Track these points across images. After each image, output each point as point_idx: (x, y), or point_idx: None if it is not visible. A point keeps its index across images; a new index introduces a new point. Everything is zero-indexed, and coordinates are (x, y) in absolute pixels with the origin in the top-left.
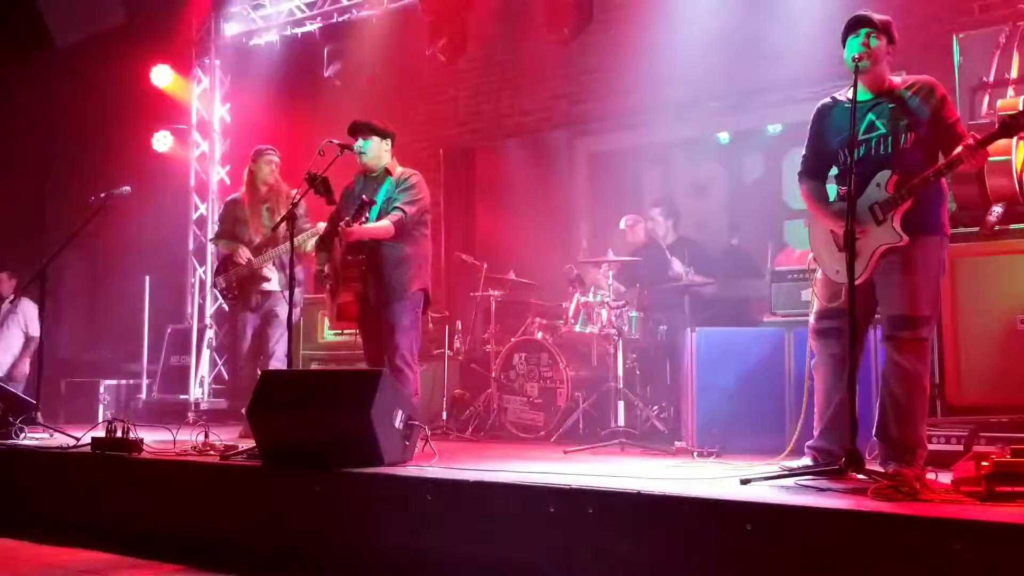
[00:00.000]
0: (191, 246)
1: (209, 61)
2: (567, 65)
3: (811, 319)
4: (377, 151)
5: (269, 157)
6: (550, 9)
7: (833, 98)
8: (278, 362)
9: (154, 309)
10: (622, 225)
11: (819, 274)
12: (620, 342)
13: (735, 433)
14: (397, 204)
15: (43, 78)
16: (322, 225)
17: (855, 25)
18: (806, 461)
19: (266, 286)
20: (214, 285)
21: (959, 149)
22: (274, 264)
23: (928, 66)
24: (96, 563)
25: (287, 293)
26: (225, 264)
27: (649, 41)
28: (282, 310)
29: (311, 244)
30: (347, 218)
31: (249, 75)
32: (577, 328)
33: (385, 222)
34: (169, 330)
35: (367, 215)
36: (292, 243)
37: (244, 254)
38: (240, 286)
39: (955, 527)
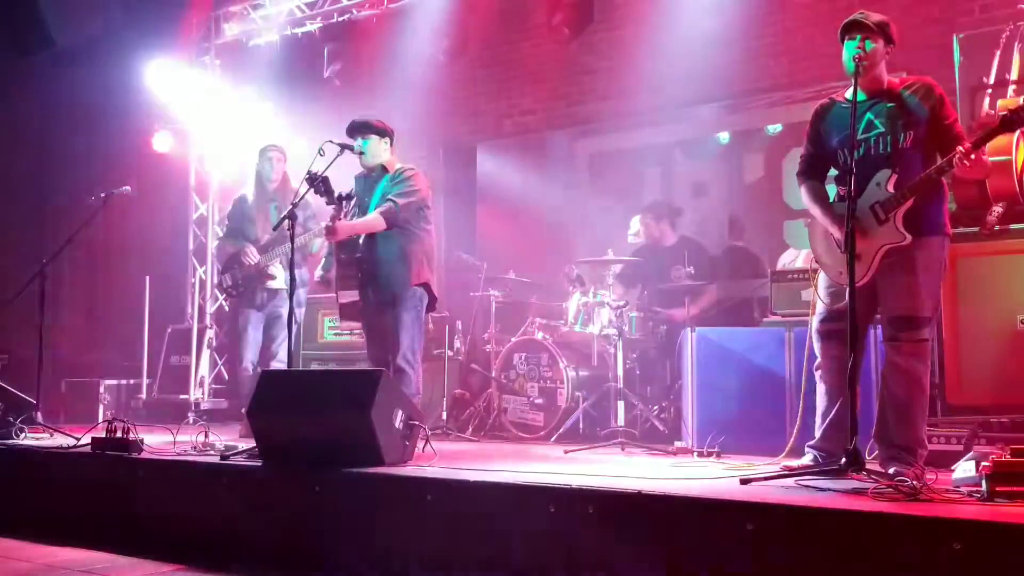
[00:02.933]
0: (191, 246)
1: (209, 61)
2: (567, 65)
3: (814, 321)
4: (376, 150)
5: (270, 154)
6: (550, 9)
7: (831, 99)
8: (279, 363)
9: (154, 309)
10: (634, 227)
11: (821, 275)
12: (620, 342)
13: (735, 433)
14: (389, 196)
15: (43, 78)
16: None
17: (850, 29)
18: (806, 461)
19: (271, 284)
20: (219, 284)
21: (958, 149)
22: (280, 262)
23: (928, 66)
24: (96, 563)
25: (294, 293)
26: (231, 262)
27: (649, 41)
28: (286, 311)
29: (317, 245)
30: (331, 218)
31: (249, 75)
32: (577, 328)
33: (374, 214)
34: (169, 330)
35: (348, 210)
36: (292, 242)
37: (252, 253)
38: (246, 284)
39: (955, 527)
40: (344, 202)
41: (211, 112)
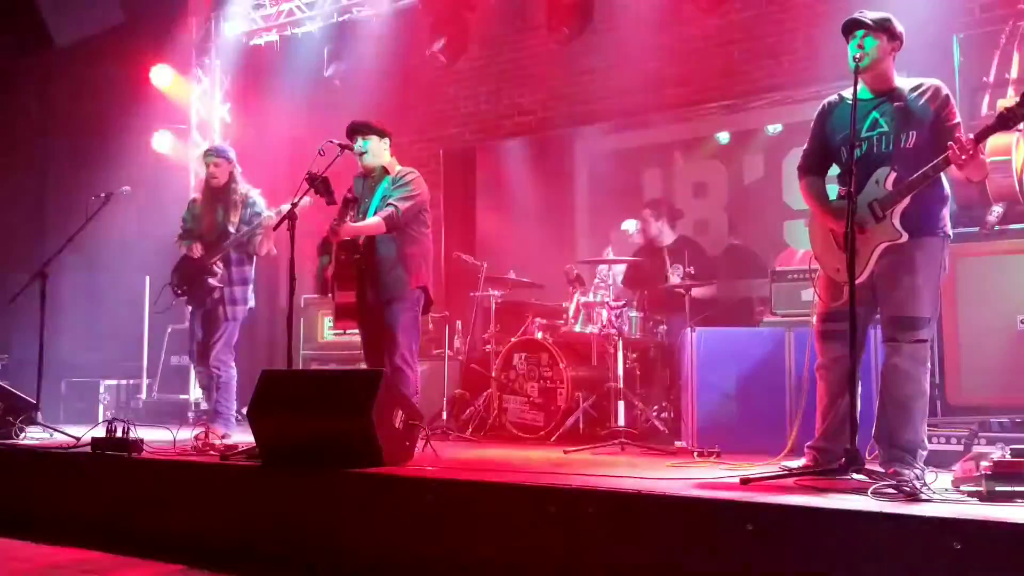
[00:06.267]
0: None
1: (209, 61)
2: (567, 65)
3: (814, 321)
4: (377, 150)
5: (206, 159)
6: (550, 9)
7: (840, 95)
8: (217, 361)
9: (154, 309)
10: (632, 229)
11: (820, 274)
12: (620, 342)
13: (735, 433)
14: (390, 200)
15: (43, 78)
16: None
17: (850, 27)
18: (806, 461)
19: (212, 281)
20: (169, 283)
21: (956, 137)
22: (221, 259)
23: (928, 66)
24: (96, 563)
25: (228, 290)
26: (180, 262)
27: (649, 41)
28: (225, 308)
29: (258, 240)
30: (335, 219)
31: (249, 75)
32: (577, 328)
33: (376, 218)
34: (169, 330)
35: (353, 212)
36: (292, 243)
37: (197, 249)
38: (188, 282)
39: (955, 527)
40: (352, 204)
41: (211, 112)
